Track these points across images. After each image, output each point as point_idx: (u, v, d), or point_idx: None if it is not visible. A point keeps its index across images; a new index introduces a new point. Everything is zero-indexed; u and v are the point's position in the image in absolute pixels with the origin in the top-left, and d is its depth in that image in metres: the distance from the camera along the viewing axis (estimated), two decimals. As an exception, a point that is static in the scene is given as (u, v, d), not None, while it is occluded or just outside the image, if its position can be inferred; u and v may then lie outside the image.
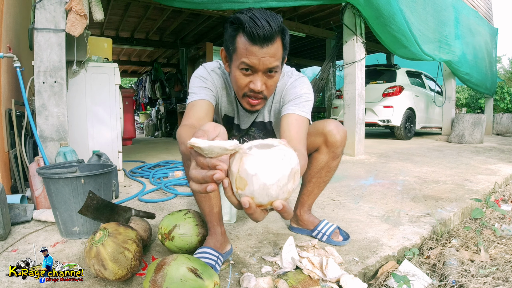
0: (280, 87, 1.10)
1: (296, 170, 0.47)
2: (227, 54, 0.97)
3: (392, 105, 5.36)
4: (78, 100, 2.21)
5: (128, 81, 17.38)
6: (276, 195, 0.46)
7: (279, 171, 0.45)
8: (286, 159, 0.46)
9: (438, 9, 4.21)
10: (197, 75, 1.07)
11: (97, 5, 1.96)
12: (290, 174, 0.46)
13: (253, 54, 0.87)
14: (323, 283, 0.93)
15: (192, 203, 1.79)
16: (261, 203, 0.47)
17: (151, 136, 8.49)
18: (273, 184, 0.45)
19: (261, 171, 0.45)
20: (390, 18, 3.15)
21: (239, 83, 0.95)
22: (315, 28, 6.25)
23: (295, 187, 0.49)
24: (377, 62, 6.94)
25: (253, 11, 0.87)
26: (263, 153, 0.46)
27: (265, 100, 1.01)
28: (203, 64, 1.11)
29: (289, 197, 0.48)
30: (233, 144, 0.46)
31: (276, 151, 0.47)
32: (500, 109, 11.05)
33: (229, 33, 0.91)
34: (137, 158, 3.56)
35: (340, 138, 1.14)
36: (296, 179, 0.48)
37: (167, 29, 6.71)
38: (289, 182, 0.46)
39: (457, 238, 1.35)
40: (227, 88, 1.11)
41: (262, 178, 0.45)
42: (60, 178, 1.21)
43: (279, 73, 0.96)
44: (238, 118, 1.19)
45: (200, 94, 1.01)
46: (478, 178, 2.37)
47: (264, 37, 0.85)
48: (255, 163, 0.45)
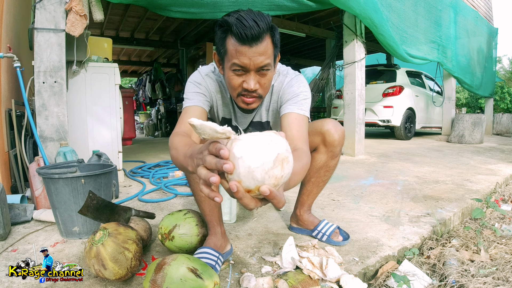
0: (277, 87, 1.10)
1: (284, 156, 0.48)
2: (219, 57, 0.98)
3: (392, 105, 5.36)
4: (78, 100, 2.21)
5: (128, 81, 17.38)
6: (262, 179, 0.46)
7: (264, 155, 0.46)
8: (272, 144, 0.47)
9: (432, 10, 4.20)
10: (192, 80, 1.08)
11: (97, 5, 1.96)
12: (276, 159, 0.46)
13: (243, 54, 0.88)
14: (323, 283, 0.93)
15: (192, 203, 1.79)
16: (249, 187, 0.47)
17: (151, 136, 8.49)
18: (258, 167, 0.45)
19: (246, 154, 0.46)
20: (381, 27, 3.19)
21: (233, 83, 0.95)
22: (315, 28, 6.25)
23: (285, 174, 0.48)
24: (377, 62, 6.94)
25: (240, 12, 0.87)
26: (250, 137, 0.47)
27: (260, 99, 1.01)
28: (198, 69, 1.12)
29: (278, 184, 0.48)
30: (224, 128, 0.48)
31: (263, 136, 0.48)
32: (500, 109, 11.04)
33: (219, 36, 0.92)
34: (137, 158, 3.56)
35: (338, 137, 1.14)
36: (285, 166, 0.48)
37: (167, 29, 6.71)
38: (275, 167, 0.46)
39: (457, 238, 1.35)
40: (222, 91, 1.12)
41: (247, 161, 0.45)
42: (60, 178, 1.21)
43: (271, 71, 0.96)
44: (236, 119, 1.19)
45: (193, 100, 1.04)
46: (478, 178, 2.37)
47: (252, 36, 0.85)
48: (242, 147, 0.46)
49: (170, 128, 7.74)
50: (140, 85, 9.76)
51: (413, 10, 3.84)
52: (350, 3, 2.83)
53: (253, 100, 0.99)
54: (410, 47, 3.84)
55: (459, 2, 4.85)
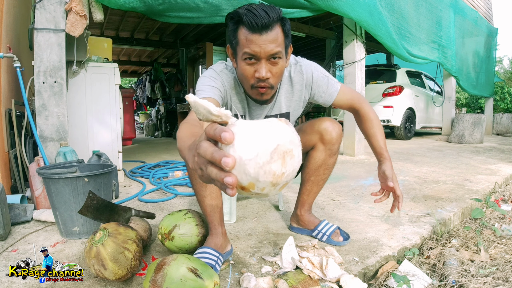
0: (298, 78, 1.13)
1: (287, 149, 0.38)
2: (232, 49, 0.99)
3: (392, 105, 5.36)
4: (78, 100, 2.21)
5: (128, 81, 17.38)
6: (255, 175, 0.37)
7: (259, 144, 0.37)
8: (271, 132, 0.38)
9: (433, 10, 4.20)
10: (207, 75, 1.07)
11: (97, 5, 1.96)
12: (274, 151, 0.37)
13: (254, 42, 0.90)
14: (323, 283, 0.93)
15: (192, 203, 1.79)
16: (241, 184, 0.38)
17: (151, 136, 8.49)
18: (250, 160, 0.36)
19: (238, 142, 0.37)
20: (377, 28, 3.19)
21: (245, 74, 0.96)
22: (315, 28, 6.24)
23: (288, 172, 0.39)
24: (377, 62, 6.93)
25: (251, 4, 0.91)
26: (246, 124, 0.39)
27: (272, 89, 1.01)
28: (211, 67, 1.12)
29: (277, 183, 0.39)
30: (220, 110, 0.41)
31: (262, 122, 0.39)
32: (500, 109, 11.02)
33: (231, 28, 0.94)
34: (137, 158, 3.56)
35: (336, 135, 1.15)
36: (288, 161, 0.38)
37: (167, 29, 6.71)
38: (273, 161, 0.37)
39: (457, 238, 1.35)
40: (236, 87, 1.11)
41: (238, 150, 0.37)
42: (60, 178, 1.21)
43: (283, 60, 0.97)
44: (250, 114, 1.17)
45: (209, 92, 1.02)
46: (478, 178, 2.37)
47: (262, 25, 0.88)
48: (235, 134, 0.37)
49: (170, 128, 7.74)
50: (140, 85, 9.76)
51: (415, 10, 3.85)
52: (342, 8, 2.84)
53: (265, 90, 1.00)
54: (412, 47, 3.84)
55: (459, 2, 4.85)
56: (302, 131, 1.22)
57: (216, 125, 0.38)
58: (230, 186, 0.36)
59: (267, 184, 0.38)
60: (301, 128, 1.24)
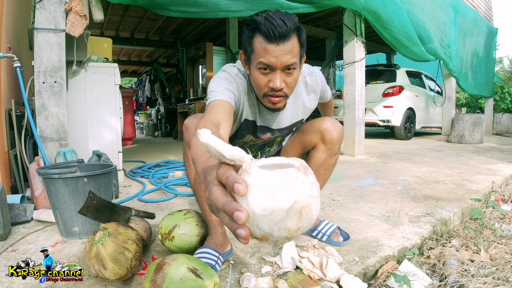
0: (312, 86, 1.20)
1: (304, 204, 0.36)
2: (245, 56, 0.98)
3: (392, 105, 5.36)
4: (78, 100, 2.21)
5: (128, 81, 17.39)
6: (269, 231, 0.36)
7: (275, 202, 0.35)
8: (289, 188, 0.35)
9: (438, 9, 4.23)
10: (222, 77, 1.03)
11: (97, 5, 1.96)
12: (291, 208, 0.35)
13: (270, 53, 0.89)
14: (323, 283, 0.93)
15: (192, 203, 1.79)
16: (254, 234, 0.37)
17: (151, 136, 8.49)
18: (264, 216, 0.35)
19: (252, 196, 0.35)
20: (389, 21, 3.19)
21: (259, 83, 0.96)
22: (315, 28, 6.25)
23: (304, 226, 0.37)
24: (377, 62, 6.94)
25: (268, 12, 0.89)
26: (262, 174, 0.36)
27: (286, 98, 1.01)
28: (224, 69, 1.08)
29: (292, 237, 0.37)
30: (234, 153, 0.38)
31: (278, 175, 0.36)
32: (500, 109, 11.01)
33: (246, 35, 0.93)
34: (137, 158, 3.56)
35: (337, 135, 1.15)
36: (304, 216, 0.36)
37: (167, 29, 6.71)
38: (288, 218, 0.35)
39: (457, 238, 1.35)
40: (249, 92, 1.09)
41: (252, 205, 0.35)
42: (60, 178, 1.21)
43: (297, 70, 0.96)
44: (262, 119, 1.16)
45: (225, 95, 0.97)
46: (478, 178, 2.37)
47: (280, 35, 0.86)
48: (249, 186, 0.36)
49: (170, 128, 7.73)
50: (140, 85, 9.76)
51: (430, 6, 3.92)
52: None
53: (280, 99, 0.99)
54: (430, 43, 3.87)
55: (459, 2, 4.85)
56: (303, 130, 1.22)
57: (229, 171, 0.37)
58: (242, 238, 0.35)
59: (281, 238, 0.37)
60: (302, 127, 1.24)
